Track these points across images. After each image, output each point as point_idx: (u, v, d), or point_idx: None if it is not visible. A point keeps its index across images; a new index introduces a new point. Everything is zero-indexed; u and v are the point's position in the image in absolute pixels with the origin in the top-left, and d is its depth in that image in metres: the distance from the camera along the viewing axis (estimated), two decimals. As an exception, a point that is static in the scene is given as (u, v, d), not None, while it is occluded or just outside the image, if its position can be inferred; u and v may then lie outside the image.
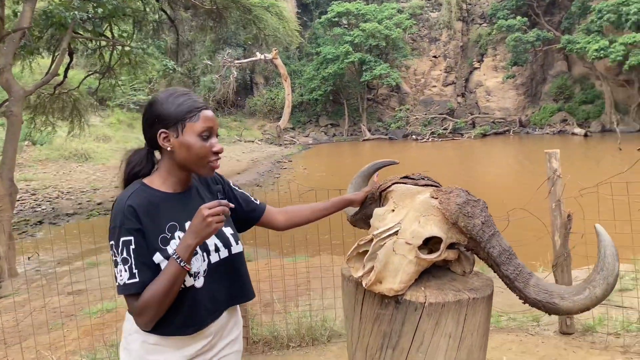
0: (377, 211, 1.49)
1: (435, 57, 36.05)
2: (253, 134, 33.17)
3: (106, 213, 13.42)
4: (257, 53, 30.37)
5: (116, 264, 1.49)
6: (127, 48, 10.91)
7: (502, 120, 33.74)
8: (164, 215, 1.56)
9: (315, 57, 34.74)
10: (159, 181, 1.61)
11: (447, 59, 35.85)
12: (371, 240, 1.40)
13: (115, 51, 12.30)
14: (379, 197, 1.58)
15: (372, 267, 1.37)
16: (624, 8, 24.96)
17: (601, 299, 1.29)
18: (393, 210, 1.47)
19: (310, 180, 19.20)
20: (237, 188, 1.85)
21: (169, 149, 1.56)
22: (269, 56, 30.10)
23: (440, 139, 31.44)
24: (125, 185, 1.64)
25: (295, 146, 30.86)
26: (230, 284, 1.68)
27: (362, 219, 1.73)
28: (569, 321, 3.38)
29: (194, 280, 1.55)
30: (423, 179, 1.54)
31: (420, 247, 1.39)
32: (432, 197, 1.42)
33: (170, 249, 1.53)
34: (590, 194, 3.23)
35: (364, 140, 32.96)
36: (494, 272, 1.40)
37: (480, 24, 35.46)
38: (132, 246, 1.48)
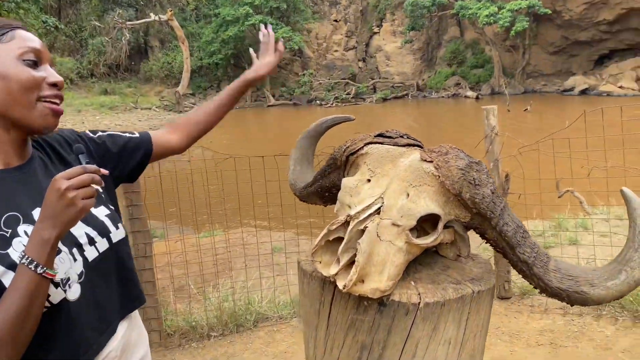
0: (347, 182, 1.11)
1: (336, 21, 35.87)
2: (150, 100, 31.16)
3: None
4: (151, 14, 28.24)
5: None
6: (-6, 1, 9.38)
7: (401, 84, 34.57)
8: None
9: (214, 19, 33.09)
10: None
11: (348, 23, 35.84)
12: (346, 223, 1.02)
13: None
14: (344, 163, 1.19)
15: (350, 261, 1.00)
16: (511, -24, 26.24)
17: (639, 282, 1.03)
18: (369, 180, 1.09)
19: (216, 148, 18.31)
20: (101, 133, 1.33)
21: None
22: (164, 17, 28.11)
23: (343, 104, 31.59)
24: None
25: (196, 113, 29.45)
26: (119, 285, 1.22)
27: (317, 193, 1.33)
28: (506, 285, 3.29)
29: (65, 290, 1.05)
30: (402, 136, 1.17)
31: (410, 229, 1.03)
32: (424, 160, 1.06)
33: (13, 252, 1.01)
34: (531, 151, 3.10)
35: (269, 106, 32.29)
36: (505, 256, 1.08)
37: (379, -12, 35.74)
38: None
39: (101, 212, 1.20)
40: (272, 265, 3.60)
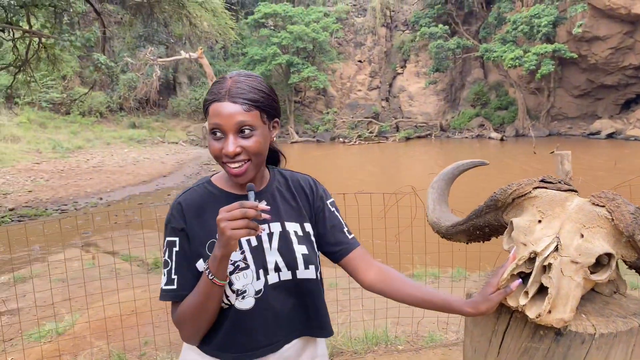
0: (519, 222, 1.23)
1: (360, 61, 36.61)
2: (176, 135, 31.87)
3: (20, 219, 12.26)
4: (182, 52, 29.22)
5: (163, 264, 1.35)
6: (49, 40, 9.88)
7: (424, 124, 34.86)
8: (215, 217, 1.26)
9: (241, 58, 34.07)
10: (223, 178, 1.43)
11: (372, 63, 36.53)
12: (530, 259, 1.15)
13: (32, 44, 11.12)
14: (506, 205, 1.32)
15: (534, 293, 1.11)
16: (536, 20, 26.64)
17: None
18: (539, 221, 1.22)
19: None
20: (333, 209, 1.51)
21: None
22: (194, 55, 29.04)
23: (366, 142, 31.91)
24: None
25: (222, 148, 29.89)
26: (294, 313, 1.40)
27: (467, 231, 1.46)
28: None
29: (237, 299, 1.33)
30: (560, 182, 1.31)
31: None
32: (595, 204, 1.18)
33: None
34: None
35: (292, 142, 32.76)
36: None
37: (403, 31, 36.50)
38: (176, 248, 1.33)
39: (300, 249, 1.40)
40: (349, 300, 3.69)
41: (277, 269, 1.36)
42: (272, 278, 1.35)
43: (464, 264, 4.29)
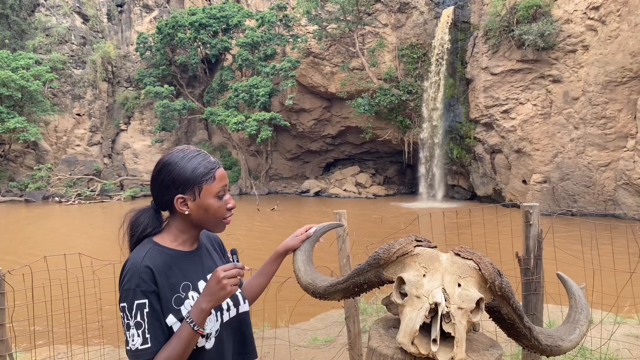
0: (409, 278, 1.39)
1: (79, 115, 33.89)
2: None
3: None
4: None
5: (128, 327, 1.47)
6: None
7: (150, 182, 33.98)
8: (177, 274, 1.56)
9: None
10: (169, 239, 1.62)
11: (93, 118, 34.24)
12: (431, 310, 1.30)
13: None
14: (389, 262, 1.47)
15: (438, 340, 1.27)
16: (255, 90, 29.29)
17: (585, 334, 1.55)
18: (424, 275, 1.40)
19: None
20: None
21: (186, 212, 1.58)
22: None
23: (88, 201, 29.29)
24: (133, 248, 1.61)
25: None
26: (235, 343, 1.69)
27: (346, 289, 1.54)
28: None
29: (205, 341, 1.57)
30: (425, 240, 1.52)
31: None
32: (465, 257, 1.43)
33: (184, 309, 1.54)
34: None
35: (-8, 203, 27.72)
36: (511, 327, 1.48)
37: (127, 87, 35.51)
38: (146, 310, 1.47)
39: (238, 291, 1.71)
40: None
41: (228, 308, 1.66)
42: (226, 316, 1.64)
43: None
